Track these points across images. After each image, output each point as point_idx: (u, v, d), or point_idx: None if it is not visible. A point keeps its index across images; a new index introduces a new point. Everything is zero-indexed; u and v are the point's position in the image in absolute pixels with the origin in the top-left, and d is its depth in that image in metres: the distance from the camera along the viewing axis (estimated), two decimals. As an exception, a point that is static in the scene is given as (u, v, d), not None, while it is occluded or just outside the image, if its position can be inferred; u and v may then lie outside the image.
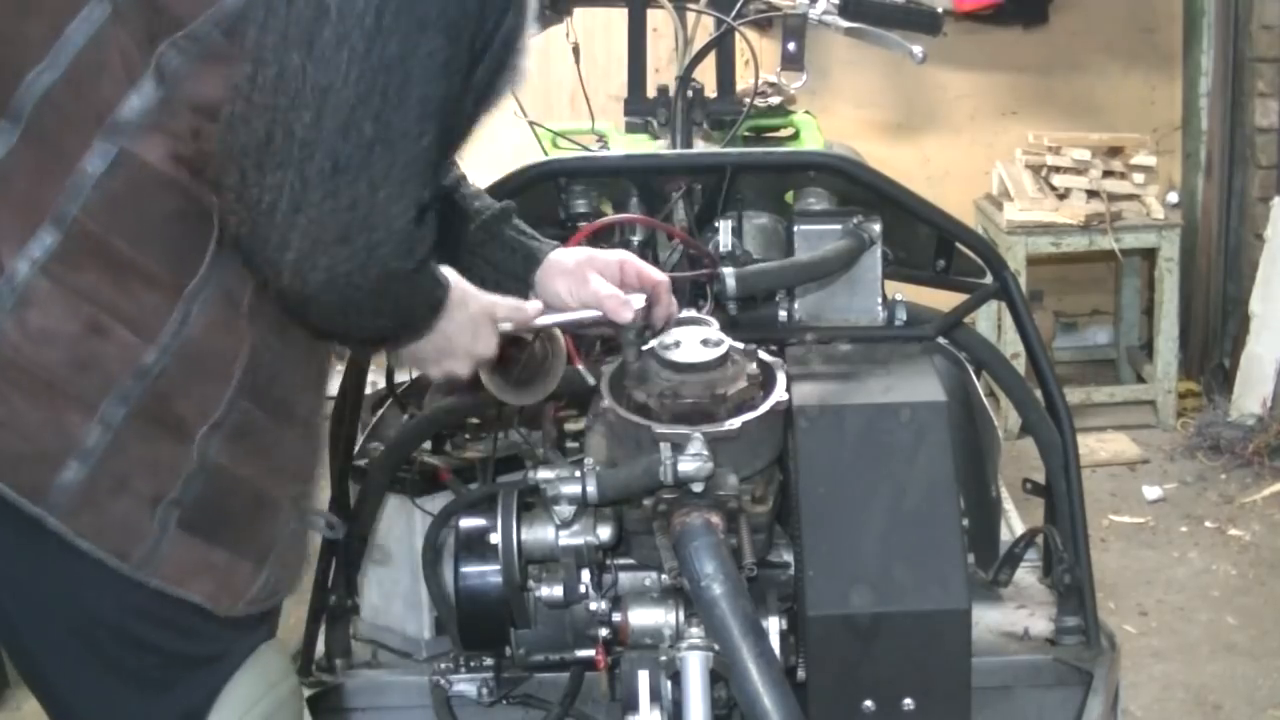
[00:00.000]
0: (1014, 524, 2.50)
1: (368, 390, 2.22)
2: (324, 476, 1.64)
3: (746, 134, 2.84)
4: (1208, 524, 3.97)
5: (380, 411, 2.28)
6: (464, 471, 2.13)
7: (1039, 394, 2.15)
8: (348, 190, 1.23)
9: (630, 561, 1.80)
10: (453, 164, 1.69)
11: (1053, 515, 2.11)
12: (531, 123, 2.81)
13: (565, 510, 1.71)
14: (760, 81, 2.82)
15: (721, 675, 1.56)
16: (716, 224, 2.14)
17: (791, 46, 2.76)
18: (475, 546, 1.79)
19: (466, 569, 1.79)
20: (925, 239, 2.16)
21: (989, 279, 2.15)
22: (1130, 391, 4.79)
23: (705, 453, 1.63)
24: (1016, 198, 4.60)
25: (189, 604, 1.37)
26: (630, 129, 2.87)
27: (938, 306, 2.15)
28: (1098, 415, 4.65)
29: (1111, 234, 4.50)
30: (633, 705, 1.60)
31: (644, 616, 1.76)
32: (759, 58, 2.84)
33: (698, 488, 1.64)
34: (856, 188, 2.12)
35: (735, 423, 1.70)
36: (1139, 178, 4.57)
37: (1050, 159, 4.59)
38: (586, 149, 2.85)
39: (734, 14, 2.64)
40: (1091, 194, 4.54)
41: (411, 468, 2.13)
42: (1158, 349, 4.66)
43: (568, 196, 2.17)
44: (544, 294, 1.73)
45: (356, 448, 2.15)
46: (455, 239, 1.71)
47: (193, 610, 1.38)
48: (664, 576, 1.71)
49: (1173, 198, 4.74)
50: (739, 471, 1.71)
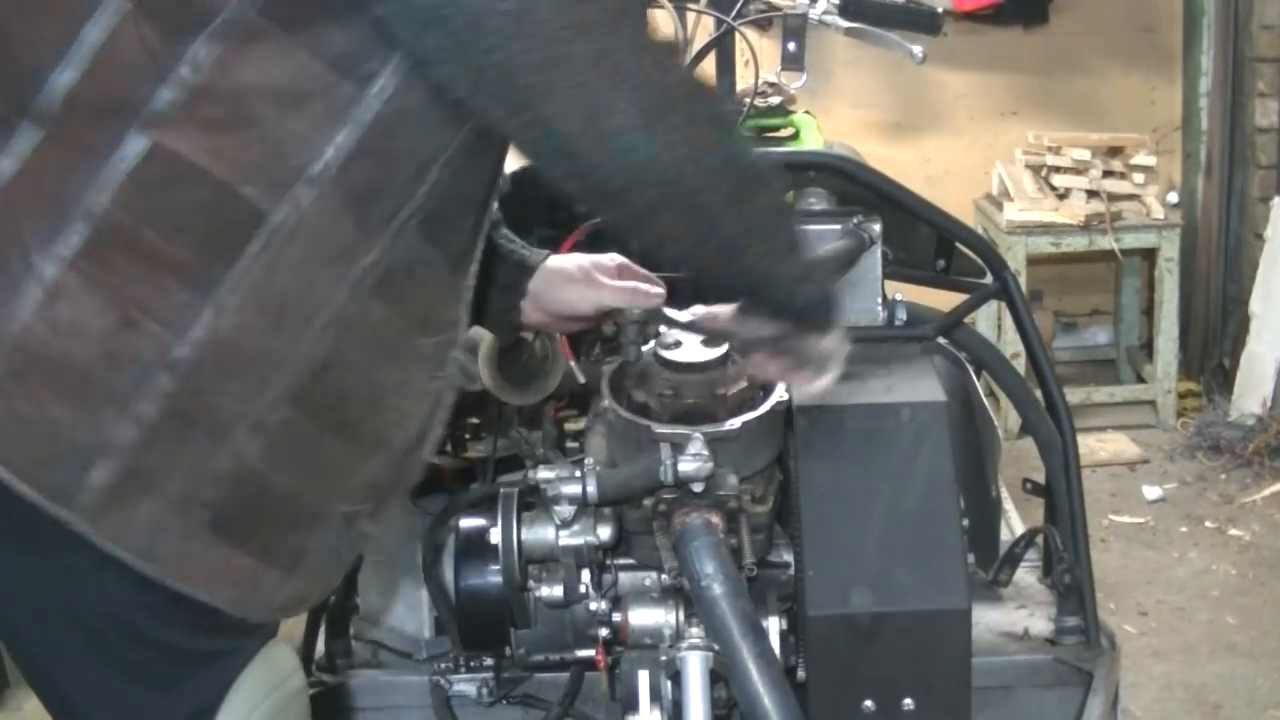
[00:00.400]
0: (1014, 524, 2.50)
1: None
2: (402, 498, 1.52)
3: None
4: (1208, 524, 3.98)
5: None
6: (464, 471, 2.13)
7: (1039, 394, 2.15)
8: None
9: (630, 561, 1.80)
10: None
11: (1053, 515, 2.11)
12: (532, 123, 2.81)
13: (565, 510, 1.71)
14: (760, 81, 2.81)
15: (721, 675, 1.56)
16: (716, 224, 2.14)
17: (791, 46, 2.76)
18: (475, 546, 1.78)
19: (466, 569, 1.79)
20: (925, 239, 2.16)
21: (989, 279, 2.15)
22: (1130, 391, 4.79)
23: (705, 453, 1.63)
24: (1016, 198, 4.60)
25: (199, 603, 1.35)
26: (630, 129, 2.86)
27: (938, 306, 2.15)
28: (1098, 415, 4.66)
29: (1111, 234, 4.50)
30: (633, 705, 1.60)
31: (644, 616, 1.76)
32: (759, 58, 2.83)
33: (698, 488, 1.64)
34: (856, 188, 2.12)
35: (735, 423, 1.70)
36: (1139, 178, 4.57)
37: (1050, 159, 4.58)
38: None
39: (734, 14, 2.63)
40: (1091, 194, 4.53)
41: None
42: (1158, 349, 4.66)
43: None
44: (551, 303, 1.72)
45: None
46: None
47: (204, 609, 1.36)
48: (664, 576, 1.71)
49: (1173, 198, 4.74)
50: (739, 471, 1.71)
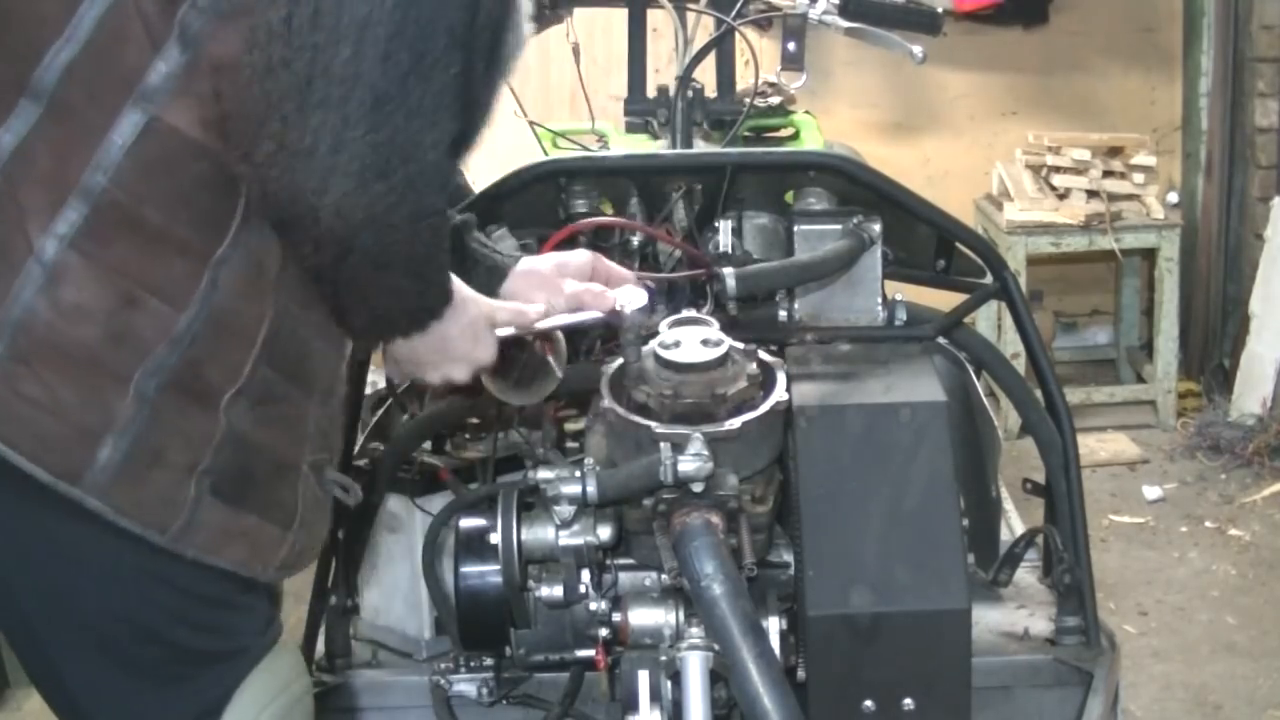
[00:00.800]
0: (1014, 524, 2.50)
1: (368, 390, 2.21)
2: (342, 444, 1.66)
3: (746, 134, 2.83)
4: (1208, 524, 3.97)
5: (380, 411, 2.28)
6: (464, 471, 2.13)
7: (1039, 394, 2.15)
8: (387, 123, 1.25)
9: (630, 561, 1.81)
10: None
11: (1053, 515, 2.11)
12: (531, 123, 2.81)
13: (565, 510, 1.71)
14: (760, 81, 2.82)
15: (721, 675, 1.56)
16: (717, 224, 2.14)
17: (791, 46, 2.76)
18: (475, 546, 1.79)
19: (466, 569, 1.79)
20: (925, 239, 2.16)
21: (989, 279, 2.15)
22: (1130, 391, 4.79)
23: (705, 453, 1.63)
24: (1016, 198, 4.60)
25: (207, 598, 1.38)
26: (630, 129, 2.86)
27: (938, 306, 2.15)
28: (1098, 415, 4.65)
29: (1111, 234, 4.50)
30: (633, 705, 1.60)
31: (644, 616, 1.76)
32: (759, 58, 2.84)
33: (698, 488, 1.64)
34: (856, 188, 2.12)
35: (735, 423, 1.70)
36: (1139, 178, 4.57)
37: (1050, 159, 4.58)
38: (586, 149, 2.85)
39: (734, 14, 2.64)
40: (1091, 194, 4.53)
41: (411, 468, 2.13)
42: (1158, 349, 4.66)
43: (568, 196, 2.16)
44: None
45: (356, 448, 2.15)
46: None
47: (210, 605, 1.38)
48: (664, 576, 1.71)
49: (1173, 198, 4.74)
50: (739, 471, 1.71)
